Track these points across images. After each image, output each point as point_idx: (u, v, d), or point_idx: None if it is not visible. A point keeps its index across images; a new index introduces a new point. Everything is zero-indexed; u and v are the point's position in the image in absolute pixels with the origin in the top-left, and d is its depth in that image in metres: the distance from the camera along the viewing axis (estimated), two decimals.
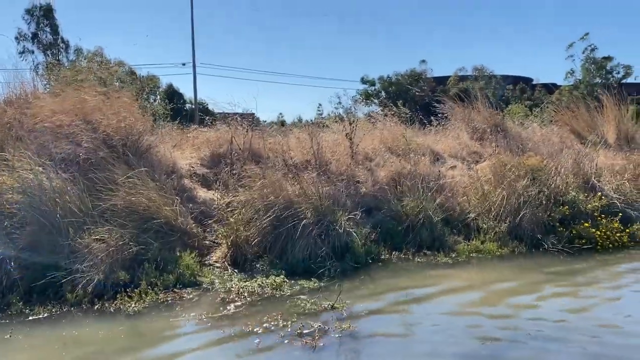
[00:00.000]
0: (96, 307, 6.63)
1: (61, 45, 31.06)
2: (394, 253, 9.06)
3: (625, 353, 5.51)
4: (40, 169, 7.59)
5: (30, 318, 6.36)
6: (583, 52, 42.49)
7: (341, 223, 8.65)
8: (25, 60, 29.54)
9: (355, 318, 6.35)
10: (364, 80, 40.02)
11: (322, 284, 7.59)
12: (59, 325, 6.17)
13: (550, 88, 36.71)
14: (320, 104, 51.68)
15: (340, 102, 33.63)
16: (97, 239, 7.13)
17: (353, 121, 11.72)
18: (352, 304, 6.77)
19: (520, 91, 38.20)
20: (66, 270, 6.81)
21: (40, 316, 6.40)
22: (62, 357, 5.50)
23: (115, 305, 6.67)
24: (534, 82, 45.25)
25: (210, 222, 8.77)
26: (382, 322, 6.37)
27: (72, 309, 6.57)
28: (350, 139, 11.22)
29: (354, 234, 8.68)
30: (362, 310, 6.60)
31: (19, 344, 5.75)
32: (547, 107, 17.29)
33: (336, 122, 13.24)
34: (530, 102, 25.03)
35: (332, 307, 6.60)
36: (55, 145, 8.18)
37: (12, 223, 7.13)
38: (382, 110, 17.73)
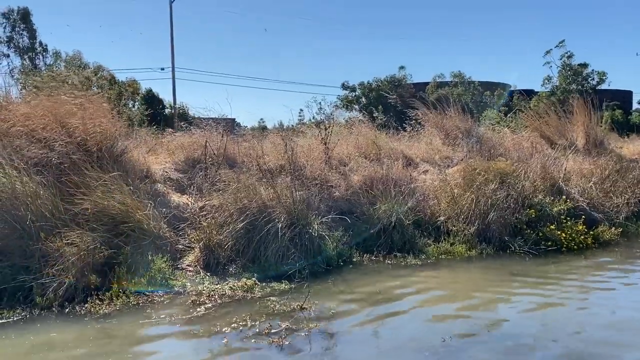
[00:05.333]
0: (66, 310, 6.67)
1: (38, 49, 30.86)
2: (365, 255, 9.24)
3: (588, 349, 5.71)
4: (15, 172, 7.61)
5: None
6: (560, 59, 43.23)
7: (314, 227, 8.80)
8: (0, 64, 29.34)
9: (323, 317, 6.50)
10: (344, 86, 40.33)
11: (292, 285, 7.73)
12: (28, 329, 6.20)
13: (529, 94, 37.31)
14: (301, 110, 51.88)
15: (320, 108, 33.85)
16: (68, 242, 7.17)
17: (328, 126, 11.89)
18: (321, 304, 6.92)
19: (498, 97, 38.76)
20: (37, 273, 6.85)
21: (9, 320, 6.42)
22: None
23: (85, 308, 6.72)
24: (511, 89, 45.92)
25: (183, 226, 8.85)
26: (349, 321, 6.51)
27: (42, 312, 6.61)
28: (325, 144, 11.40)
29: (327, 237, 8.83)
30: (330, 310, 6.75)
31: None
32: (520, 113, 17.62)
33: (312, 127, 13.40)
34: (506, 108, 25.48)
35: (301, 308, 6.74)
36: (28, 149, 8.21)
37: None
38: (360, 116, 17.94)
